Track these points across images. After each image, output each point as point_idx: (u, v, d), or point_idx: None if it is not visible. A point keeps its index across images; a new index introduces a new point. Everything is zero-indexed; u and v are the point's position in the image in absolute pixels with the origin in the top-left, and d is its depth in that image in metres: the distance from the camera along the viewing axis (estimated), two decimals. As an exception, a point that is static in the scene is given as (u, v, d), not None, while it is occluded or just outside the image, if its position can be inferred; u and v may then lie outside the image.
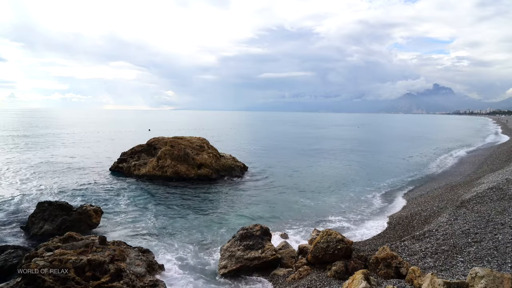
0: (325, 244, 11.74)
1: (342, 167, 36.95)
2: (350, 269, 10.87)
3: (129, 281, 10.36)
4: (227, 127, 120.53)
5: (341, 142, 68.17)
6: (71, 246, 11.61)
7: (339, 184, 28.41)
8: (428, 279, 7.37)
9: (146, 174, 29.32)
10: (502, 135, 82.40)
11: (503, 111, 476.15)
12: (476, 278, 6.76)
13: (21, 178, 28.35)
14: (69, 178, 28.73)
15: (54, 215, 17.03)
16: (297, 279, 11.39)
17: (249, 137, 77.41)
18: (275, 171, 33.69)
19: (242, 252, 12.97)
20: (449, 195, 21.50)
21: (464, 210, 16.10)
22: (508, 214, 14.13)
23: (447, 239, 12.34)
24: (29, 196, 22.90)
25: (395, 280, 9.69)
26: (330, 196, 24.51)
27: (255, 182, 29.09)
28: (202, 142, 32.58)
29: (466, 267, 9.78)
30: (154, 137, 34.45)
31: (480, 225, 13.30)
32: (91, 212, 17.47)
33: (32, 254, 10.75)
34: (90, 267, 10.26)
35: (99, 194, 23.96)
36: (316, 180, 29.87)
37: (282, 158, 42.89)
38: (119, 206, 21.31)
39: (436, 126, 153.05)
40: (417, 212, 18.58)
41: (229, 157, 33.45)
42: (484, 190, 19.20)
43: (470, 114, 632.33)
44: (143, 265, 11.69)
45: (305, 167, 36.37)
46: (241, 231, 14.01)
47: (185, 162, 29.58)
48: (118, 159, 33.01)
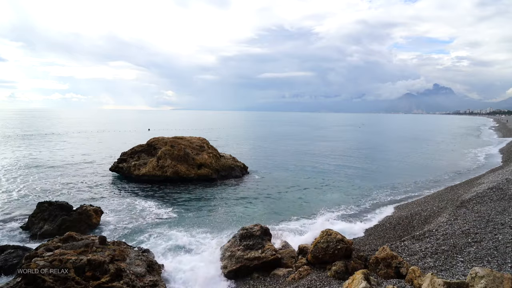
0: (325, 244, 11.74)
1: (342, 167, 36.94)
2: (350, 269, 10.87)
3: (129, 281, 10.36)
4: (227, 127, 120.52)
5: (341, 142, 68.18)
6: (71, 246, 11.60)
7: (340, 184, 28.41)
8: (428, 279, 7.37)
9: (146, 174, 29.32)
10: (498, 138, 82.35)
11: (503, 111, 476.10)
12: (476, 278, 6.76)
13: (21, 178, 28.36)
14: (69, 178, 28.75)
15: (54, 215, 17.04)
16: (297, 279, 11.39)
17: (249, 137, 77.40)
18: (275, 171, 33.70)
19: (242, 252, 12.97)
20: (449, 195, 21.51)
21: (464, 210, 16.10)
22: (508, 214, 14.14)
23: (447, 239, 12.34)
24: (29, 196, 22.91)
25: (395, 280, 9.68)
26: (331, 196, 24.51)
27: (255, 182, 29.10)
28: (202, 142, 32.58)
29: (466, 267, 9.78)
30: (154, 137, 34.45)
31: (480, 225, 13.31)
32: (91, 212, 17.48)
33: (32, 254, 10.75)
34: (90, 267, 10.25)
35: (99, 194, 23.97)
36: (316, 180, 29.87)
37: (282, 158, 42.89)
38: (119, 206, 21.31)
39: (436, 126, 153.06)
40: (417, 212, 18.59)
41: (229, 157, 33.46)
42: (484, 190, 19.22)
43: (470, 114, 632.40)
44: (143, 265, 11.68)
45: (306, 167, 36.36)
46: (241, 231, 14.01)
47: (185, 162, 29.58)
48: (118, 159, 33.00)
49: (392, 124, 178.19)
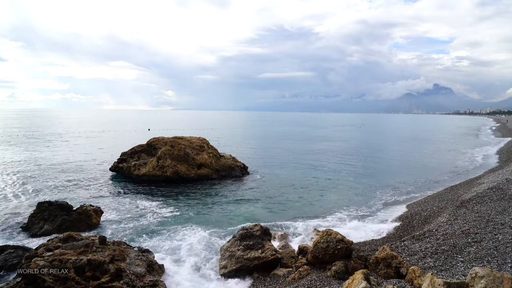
0: (325, 244, 11.74)
1: (342, 167, 36.94)
2: (350, 269, 10.87)
3: (129, 281, 10.36)
4: (227, 127, 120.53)
5: (341, 142, 68.18)
6: (71, 246, 11.60)
7: (340, 184, 28.41)
8: (428, 279, 7.37)
9: (146, 174, 29.31)
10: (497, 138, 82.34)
11: (503, 111, 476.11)
12: (476, 278, 6.76)
13: (21, 177, 28.36)
14: (69, 178, 28.74)
15: (54, 215, 17.04)
16: (297, 279, 11.39)
17: (249, 137, 77.40)
18: (275, 171, 33.70)
19: (242, 252, 12.97)
20: (449, 195, 21.52)
21: (464, 210, 16.11)
22: (508, 214, 14.14)
23: (447, 239, 12.34)
24: (29, 196, 22.92)
25: (395, 280, 9.69)
26: (331, 196, 24.51)
27: (255, 182, 29.10)
28: (202, 142, 32.58)
29: (466, 267, 9.78)
30: (154, 137, 34.45)
31: (480, 225, 13.31)
32: (91, 212, 17.48)
33: (32, 254, 10.75)
34: (90, 267, 10.25)
35: (99, 194, 23.97)
36: (316, 180, 29.87)
37: (282, 158, 42.89)
38: (119, 206, 21.31)
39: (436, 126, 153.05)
40: (417, 212, 18.60)
41: (229, 157, 33.46)
42: (484, 190, 19.22)
43: (470, 114, 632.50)
44: (143, 265, 11.69)
45: (306, 167, 36.36)
46: (241, 231, 14.01)
47: (185, 162, 29.58)
48: (118, 159, 33.00)
49: (392, 124, 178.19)
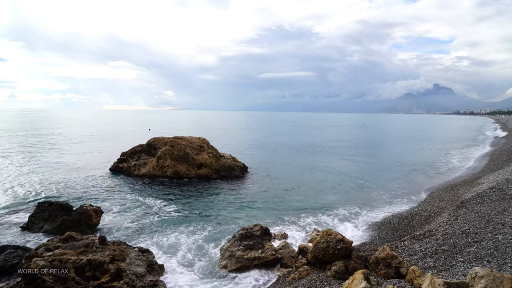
0: (325, 244, 11.74)
1: (343, 167, 36.94)
2: (350, 269, 10.87)
3: (129, 281, 10.36)
4: (227, 127, 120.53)
5: (342, 142, 68.20)
6: (71, 246, 11.60)
7: (340, 184, 28.40)
8: (428, 279, 7.37)
9: (146, 174, 29.32)
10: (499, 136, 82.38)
11: (503, 111, 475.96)
12: (476, 278, 6.76)
13: (21, 178, 28.36)
14: (69, 178, 28.74)
15: (54, 215, 17.04)
16: (297, 279, 11.39)
17: (249, 137, 77.40)
18: (275, 171, 33.68)
19: (242, 252, 12.98)
20: (449, 195, 21.52)
21: (464, 210, 16.10)
22: (508, 214, 14.14)
23: (447, 239, 12.34)
24: (29, 196, 22.92)
25: (395, 280, 9.68)
26: (331, 196, 24.50)
27: (255, 182, 29.08)
28: (202, 142, 32.58)
29: (466, 267, 9.78)
30: (154, 137, 34.46)
31: (480, 225, 13.30)
32: (91, 212, 17.47)
33: (32, 254, 10.75)
34: (90, 267, 10.25)
35: (99, 194, 23.96)
36: (316, 181, 29.87)
37: (282, 158, 42.88)
38: (119, 206, 21.30)
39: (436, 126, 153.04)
40: (417, 212, 18.60)
41: (229, 157, 33.45)
42: (484, 190, 19.21)
43: (470, 114, 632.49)
44: (143, 265, 11.69)
45: (306, 167, 36.36)
46: (241, 231, 14.01)
47: (185, 162, 29.59)
48: (118, 159, 33.01)
49: (392, 124, 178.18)
